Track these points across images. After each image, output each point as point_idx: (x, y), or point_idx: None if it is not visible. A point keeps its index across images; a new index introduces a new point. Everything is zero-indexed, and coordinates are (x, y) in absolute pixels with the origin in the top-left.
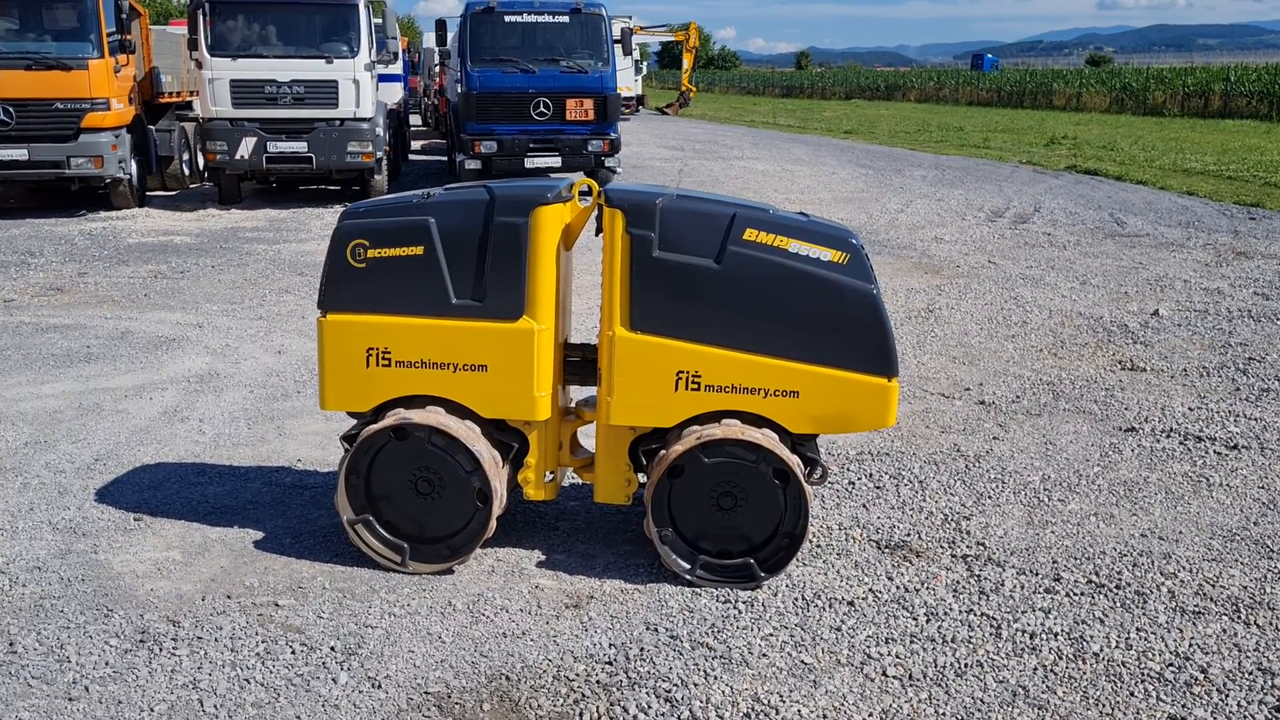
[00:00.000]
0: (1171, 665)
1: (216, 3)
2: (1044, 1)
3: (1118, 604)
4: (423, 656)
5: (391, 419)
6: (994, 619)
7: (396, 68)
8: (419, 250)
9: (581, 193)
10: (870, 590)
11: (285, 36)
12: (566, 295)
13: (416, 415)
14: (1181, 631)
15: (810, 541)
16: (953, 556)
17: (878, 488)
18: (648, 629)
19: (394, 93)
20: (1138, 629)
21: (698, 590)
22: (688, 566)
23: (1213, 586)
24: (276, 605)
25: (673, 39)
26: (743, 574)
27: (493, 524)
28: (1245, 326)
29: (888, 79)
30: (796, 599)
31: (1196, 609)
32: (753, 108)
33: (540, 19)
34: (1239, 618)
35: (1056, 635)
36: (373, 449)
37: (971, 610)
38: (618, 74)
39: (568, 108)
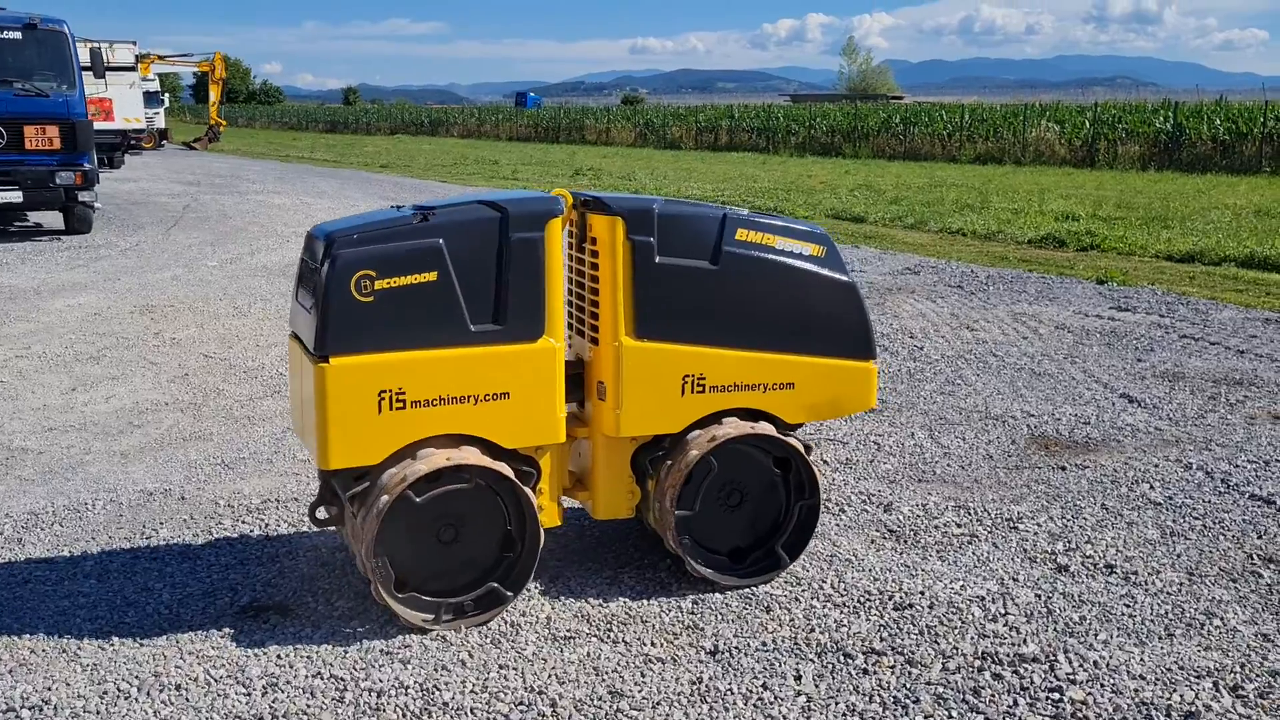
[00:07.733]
0: (522, 703)
1: None
2: (584, 46)
3: (487, 641)
4: None
5: (453, 458)
6: (341, 679)
7: None
8: (432, 276)
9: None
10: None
11: None
12: None
13: (466, 455)
14: (545, 661)
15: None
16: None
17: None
18: None
19: None
20: (500, 667)
21: None
22: (720, 574)
23: (592, 607)
24: None
25: (196, 69)
26: (770, 564)
27: (541, 534)
28: None
29: (433, 115)
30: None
31: (569, 634)
32: (293, 143)
33: None
34: (608, 638)
35: (409, 689)
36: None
37: (319, 674)
38: (127, 103)
39: (26, 135)
